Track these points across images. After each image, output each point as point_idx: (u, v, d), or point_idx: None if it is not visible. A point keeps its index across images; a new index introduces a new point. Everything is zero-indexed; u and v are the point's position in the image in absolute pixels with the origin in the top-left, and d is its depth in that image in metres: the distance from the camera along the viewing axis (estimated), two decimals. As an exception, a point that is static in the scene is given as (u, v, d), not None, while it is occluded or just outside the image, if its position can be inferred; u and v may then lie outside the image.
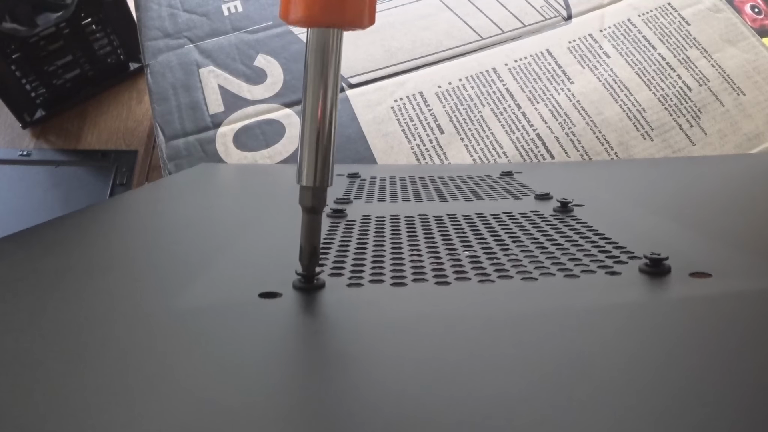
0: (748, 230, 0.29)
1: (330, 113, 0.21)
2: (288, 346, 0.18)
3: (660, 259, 0.22)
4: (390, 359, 0.17)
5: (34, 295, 0.22)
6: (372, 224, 0.31)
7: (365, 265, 0.25)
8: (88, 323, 0.19)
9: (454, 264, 0.25)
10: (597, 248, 0.26)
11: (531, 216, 0.32)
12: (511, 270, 0.24)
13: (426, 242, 0.28)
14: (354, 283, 0.23)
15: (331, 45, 0.20)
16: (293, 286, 0.22)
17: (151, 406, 0.14)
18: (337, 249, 0.27)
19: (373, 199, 0.38)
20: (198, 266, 0.25)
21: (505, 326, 0.19)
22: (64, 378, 0.15)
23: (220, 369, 0.16)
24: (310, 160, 0.21)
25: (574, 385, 0.15)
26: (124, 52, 0.80)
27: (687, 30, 0.60)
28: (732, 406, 0.14)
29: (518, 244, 0.27)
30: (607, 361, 0.16)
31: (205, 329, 0.19)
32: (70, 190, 0.74)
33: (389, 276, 0.23)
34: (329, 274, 0.24)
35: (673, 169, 0.49)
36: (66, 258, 0.27)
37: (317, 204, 0.21)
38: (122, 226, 0.35)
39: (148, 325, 0.19)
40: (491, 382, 0.15)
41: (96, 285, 0.23)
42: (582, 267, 0.24)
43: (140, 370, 0.16)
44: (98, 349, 0.17)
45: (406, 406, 0.14)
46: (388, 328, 0.19)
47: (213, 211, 0.38)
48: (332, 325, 0.20)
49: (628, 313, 0.20)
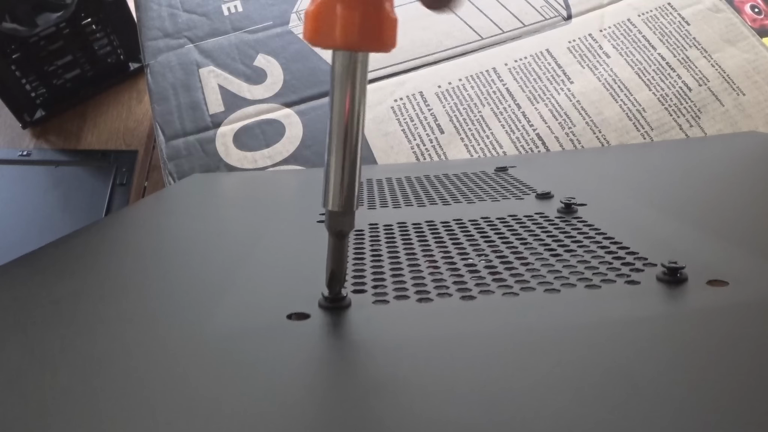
0: (757, 226, 0.29)
1: (356, 137, 0.20)
2: (325, 369, 0.18)
3: (677, 268, 0.23)
4: (429, 381, 0.17)
5: (59, 324, 0.21)
6: (381, 233, 0.31)
7: (385, 279, 0.25)
8: (119, 353, 0.19)
9: (474, 276, 0.25)
10: (611, 254, 0.26)
11: (536, 218, 0.32)
12: (531, 281, 0.24)
13: (440, 251, 0.28)
14: (379, 300, 0.23)
15: (358, 67, 0.20)
16: (319, 305, 0.22)
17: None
18: (352, 261, 0.27)
19: (375, 204, 0.38)
20: (218, 287, 0.24)
21: (539, 343, 0.19)
22: (99, 408, 0.15)
23: (258, 395, 0.16)
24: (336, 184, 0.20)
25: (623, 401, 0.15)
26: (124, 52, 0.80)
27: (687, 30, 0.60)
28: None
29: (532, 252, 0.27)
30: (648, 373, 0.16)
31: (239, 355, 0.19)
32: (70, 190, 0.74)
33: (413, 291, 0.23)
34: (352, 291, 0.24)
35: (668, 153, 0.49)
36: (80, 282, 0.26)
37: (344, 228, 0.21)
38: (130, 246, 0.34)
39: (182, 352, 0.19)
40: (538, 402, 0.15)
41: (118, 311, 0.23)
42: (601, 276, 0.24)
43: (180, 400, 0.16)
44: (136, 379, 0.17)
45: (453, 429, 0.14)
46: (422, 349, 0.19)
47: (218, 225, 0.37)
48: (366, 347, 0.20)
49: (655, 325, 0.20)
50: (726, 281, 0.22)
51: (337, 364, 0.19)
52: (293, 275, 0.26)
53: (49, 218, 0.72)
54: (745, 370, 0.16)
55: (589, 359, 0.17)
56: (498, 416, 0.14)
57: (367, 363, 0.19)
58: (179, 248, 0.32)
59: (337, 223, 0.21)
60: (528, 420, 0.14)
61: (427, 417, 0.15)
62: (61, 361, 0.18)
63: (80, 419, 0.15)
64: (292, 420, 0.15)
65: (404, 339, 0.20)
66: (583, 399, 0.15)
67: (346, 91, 0.20)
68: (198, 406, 0.15)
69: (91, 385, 0.17)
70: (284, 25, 0.63)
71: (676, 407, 0.14)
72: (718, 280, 0.23)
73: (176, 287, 0.26)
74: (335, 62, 0.20)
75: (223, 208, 0.43)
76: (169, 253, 0.32)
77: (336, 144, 0.20)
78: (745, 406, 0.14)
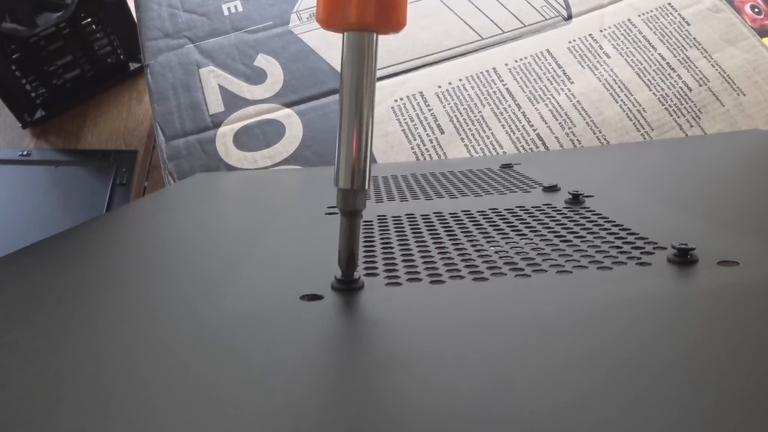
0: (764, 215, 0.29)
1: (367, 116, 0.21)
2: (339, 348, 0.18)
3: (687, 249, 0.23)
4: (442, 357, 0.16)
5: (63, 309, 0.22)
6: (390, 224, 0.31)
7: (397, 264, 0.25)
8: (128, 337, 0.19)
9: (485, 260, 0.25)
10: (620, 239, 0.26)
11: (545, 209, 0.32)
12: (543, 264, 0.24)
13: (450, 239, 0.28)
14: (392, 282, 0.23)
15: (368, 49, 0.20)
16: (332, 288, 0.22)
17: (205, 410, 0.14)
18: (364, 250, 0.27)
19: (382, 198, 0.38)
20: (229, 272, 0.24)
21: (553, 321, 0.19)
22: (115, 389, 0.15)
23: (270, 372, 0.16)
24: (347, 162, 0.21)
25: (636, 377, 0.14)
26: (124, 52, 0.80)
27: (687, 30, 0.60)
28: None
29: (542, 238, 0.27)
30: (662, 349, 0.16)
31: (251, 334, 0.19)
32: (70, 190, 0.74)
33: (425, 274, 0.23)
34: (365, 274, 0.23)
35: (671, 150, 0.49)
36: (84, 270, 0.26)
37: (357, 207, 0.21)
38: (136, 236, 0.34)
39: (195, 333, 0.19)
40: (551, 378, 0.15)
41: (127, 297, 0.23)
42: (612, 259, 0.24)
43: (195, 379, 0.16)
44: (143, 361, 0.17)
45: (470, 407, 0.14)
46: (435, 328, 0.19)
47: (225, 218, 0.37)
48: (379, 326, 0.20)
49: (668, 303, 0.20)
50: (737, 261, 0.22)
51: (350, 340, 0.19)
52: (304, 261, 0.26)
53: (49, 218, 0.72)
54: (761, 344, 0.16)
55: (602, 336, 0.17)
56: (510, 393, 0.14)
57: (381, 339, 0.19)
58: (188, 238, 0.32)
59: (349, 201, 0.21)
60: (540, 396, 0.14)
61: (439, 392, 0.15)
62: (65, 340, 0.19)
63: (92, 394, 0.15)
64: (303, 395, 0.15)
65: (417, 317, 0.20)
66: (596, 375, 0.15)
67: (356, 73, 0.20)
68: (209, 383, 0.15)
69: (100, 362, 0.17)
70: (284, 25, 0.63)
71: (689, 383, 0.14)
72: (729, 261, 0.22)
73: (187, 274, 0.26)
74: (347, 44, 0.20)
75: (229, 202, 0.43)
76: (177, 243, 0.32)
77: (347, 123, 0.21)
78: (760, 381, 0.14)
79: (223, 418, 0.14)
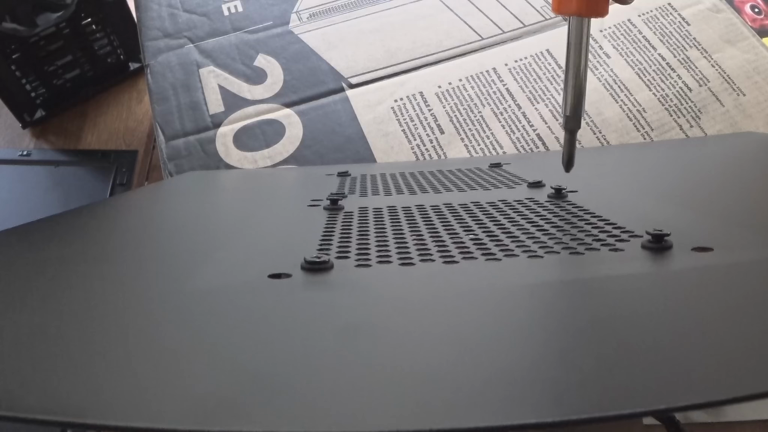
0: (744, 208, 0.29)
1: (584, 67, 0.31)
2: (304, 320, 0.18)
3: (662, 235, 0.23)
4: (406, 327, 0.17)
5: (43, 279, 0.22)
6: (370, 214, 0.31)
7: (370, 248, 0.25)
8: (101, 305, 0.19)
9: (459, 246, 0.25)
10: (597, 229, 0.26)
11: (527, 202, 0.32)
12: (516, 250, 0.24)
13: (427, 228, 0.28)
14: (362, 264, 0.23)
15: (584, 27, 0.31)
16: (301, 268, 0.22)
17: (169, 381, 0.14)
18: (339, 236, 0.27)
19: (367, 193, 0.38)
20: (204, 254, 0.25)
21: (518, 295, 0.19)
22: (82, 351, 0.16)
23: (229, 342, 0.16)
24: (570, 99, 0.31)
25: (604, 348, 0.14)
26: (124, 52, 0.80)
27: (687, 30, 0.60)
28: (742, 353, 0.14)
29: (519, 228, 0.27)
30: (626, 324, 0.16)
31: (219, 307, 0.19)
32: (70, 190, 0.74)
33: (396, 257, 0.23)
34: (336, 257, 0.24)
35: (664, 151, 0.49)
36: (69, 247, 0.27)
37: (575, 126, 0.32)
38: (122, 221, 0.35)
39: (161, 303, 0.19)
40: (514, 348, 0.15)
41: (104, 271, 0.23)
42: (585, 246, 0.24)
43: (157, 350, 0.16)
44: (113, 331, 0.17)
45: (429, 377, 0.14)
46: (400, 301, 0.19)
47: (209, 208, 0.38)
48: (345, 300, 0.20)
49: (639, 281, 0.20)
50: (711, 248, 0.22)
51: (315, 311, 0.19)
52: (278, 245, 0.26)
53: (49, 218, 0.72)
54: (736, 320, 0.16)
55: (563, 309, 0.18)
56: (472, 360, 0.14)
57: (345, 311, 0.19)
58: (171, 225, 0.33)
59: (569, 122, 0.32)
60: (504, 366, 0.14)
61: (401, 357, 0.15)
62: (44, 307, 0.19)
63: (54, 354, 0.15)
64: (263, 361, 0.15)
65: (383, 292, 0.20)
66: (550, 340, 0.15)
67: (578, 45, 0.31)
68: (176, 349, 0.16)
69: (87, 328, 0.17)
70: (284, 25, 0.63)
71: (659, 353, 0.14)
72: (704, 247, 0.22)
73: (165, 254, 0.26)
74: (572, 22, 0.31)
75: (216, 195, 0.44)
76: (159, 230, 0.33)
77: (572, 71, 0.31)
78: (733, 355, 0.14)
79: (176, 380, 0.14)
